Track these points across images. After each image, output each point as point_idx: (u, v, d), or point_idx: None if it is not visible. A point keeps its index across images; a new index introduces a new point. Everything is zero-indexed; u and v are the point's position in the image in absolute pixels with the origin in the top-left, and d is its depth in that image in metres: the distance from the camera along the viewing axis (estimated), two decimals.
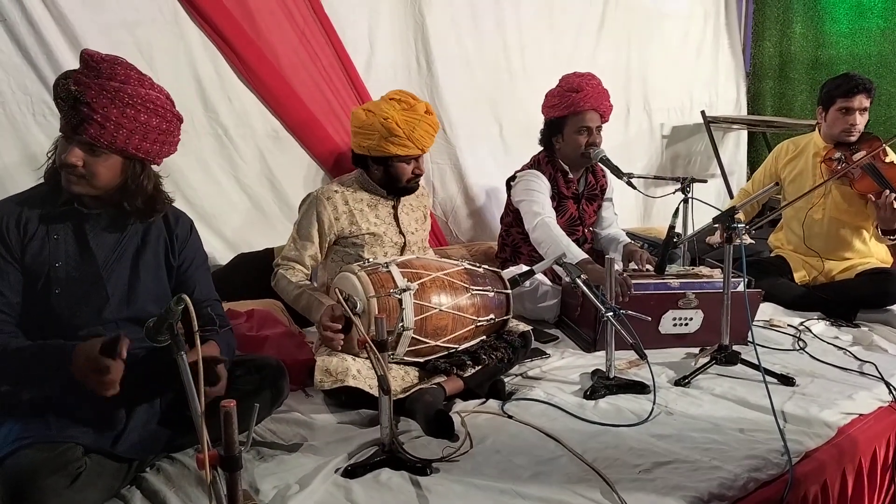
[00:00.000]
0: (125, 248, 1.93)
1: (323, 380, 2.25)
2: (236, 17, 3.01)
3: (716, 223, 2.58)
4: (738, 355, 2.59)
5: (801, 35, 5.09)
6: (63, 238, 1.85)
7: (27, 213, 1.83)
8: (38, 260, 1.82)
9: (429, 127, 2.69)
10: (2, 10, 2.53)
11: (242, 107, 3.12)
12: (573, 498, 1.78)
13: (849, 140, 3.29)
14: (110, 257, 1.90)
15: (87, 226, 1.88)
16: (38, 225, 1.83)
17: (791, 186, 3.50)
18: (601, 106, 3.20)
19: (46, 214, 1.85)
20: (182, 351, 1.49)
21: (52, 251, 1.83)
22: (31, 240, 1.82)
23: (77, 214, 1.87)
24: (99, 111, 1.75)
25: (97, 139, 1.77)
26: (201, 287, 2.06)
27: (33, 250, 1.81)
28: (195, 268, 2.07)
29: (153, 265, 1.97)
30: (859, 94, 3.24)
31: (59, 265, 1.83)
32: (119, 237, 1.92)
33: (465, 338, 2.44)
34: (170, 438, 1.90)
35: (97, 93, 1.76)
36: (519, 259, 3.30)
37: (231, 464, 1.32)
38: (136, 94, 1.80)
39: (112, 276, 1.89)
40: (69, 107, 1.76)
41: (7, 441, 1.66)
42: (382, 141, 2.61)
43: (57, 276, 1.82)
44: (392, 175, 2.70)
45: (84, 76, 1.78)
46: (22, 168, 2.65)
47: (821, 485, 2.01)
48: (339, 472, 1.89)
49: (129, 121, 1.79)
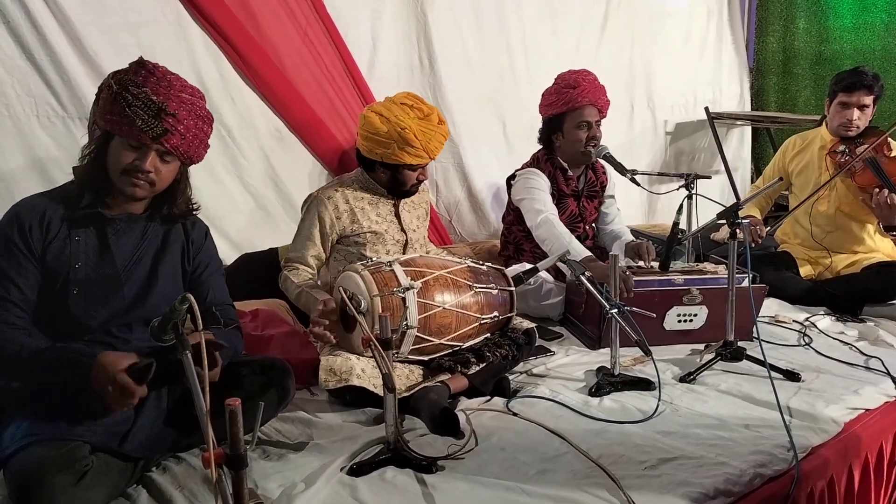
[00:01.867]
0: (145, 251, 1.96)
1: (328, 379, 2.25)
2: (239, 17, 3.01)
3: (720, 219, 2.58)
4: (744, 351, 2.58)
5: (805, 30, 5.08)
6: (84, 240, 1.87)
7: (50, 212, 1.85)
8: (59, 260, 1.83)
9: (442, 137, 2.71)
10: (5, 12, 2.54)
11: (245, 107, 3.12)
12: (579, 495, 1.77)
13: (846, 135, 3.31)
14: (129, 260, 1.92)
15: (109, 229, 1.91)
16: (60, 225, 1.85)
17: (798, 179, 3.52)
18: (599, 100, 3.21)
19: (69, 216, 1.87)
20: (187, 350, 1.49)
21: (73, 252, 1.85)
22: (54, 240, 1.84)
23: (99, 217, 1.89)
24: (182, 122, 1.85)
25: (177, 148, 1.86)
26: (215, 291, 2.09)
27: (55, 250, 1.83)
28: (209, 273, 2.09)
29: (170, 269, 2.00)
30: (859, 91, 3.25)
31: (79, 266, 1.85)
32: (139, 240, 1.95)
33: (469, 336, 2.44)
34: (176, 438, 1.91)
35: (178, 104, 1.84)
36: (522, 257, 3.30)
37: (237, 462, 1.32)
38: (201, 105, 1.93)
39: (130, 278, 1.92)
40: (151, 116, 1.81)
41: (15, 438, 1.68)
42: (398, 150, 2.61)
43: (76, 276, 1.84)
44: (398, 180, 2.71)
45: (158, 85, 1.83)
46: (27, 170, 2.66)
47: (827, 480, 2.01)
48: (345, 470, 1.89)
49: (200, 132, 1.92)
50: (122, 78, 1.83)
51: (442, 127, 2.71)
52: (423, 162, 2.69)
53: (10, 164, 2.63)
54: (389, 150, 2.62)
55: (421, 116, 2.67)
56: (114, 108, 1.81)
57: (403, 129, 2.59)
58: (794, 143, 3.58)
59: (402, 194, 2.77)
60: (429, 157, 2.69)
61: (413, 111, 2.67)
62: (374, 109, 2.69)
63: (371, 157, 2.69)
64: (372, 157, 2.69)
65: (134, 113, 1.80)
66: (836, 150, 3.30)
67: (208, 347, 1.74)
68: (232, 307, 2.14)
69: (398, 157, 2.63)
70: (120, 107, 1.80)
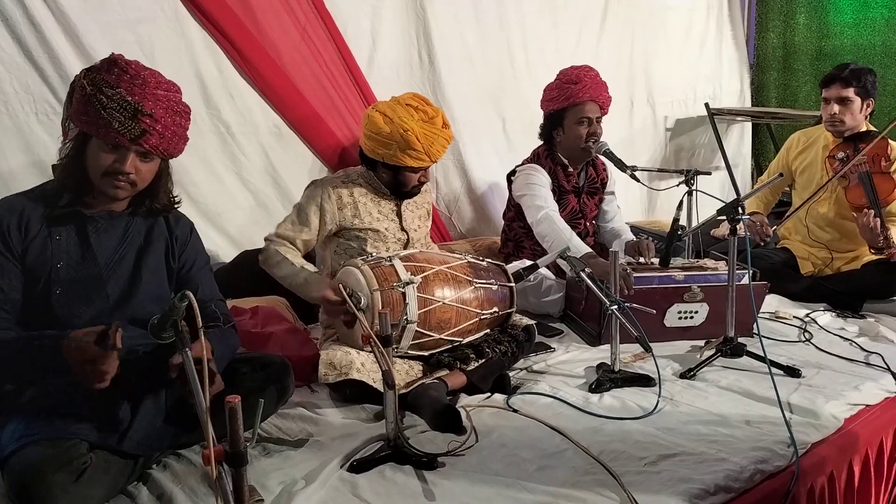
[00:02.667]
0: (127, 248, 1.93)
1: (327, 373, 2.25)
2: (237, 13, 3.00)
3: (720, 215, 2.57)
4: (744, 347, 2.58)
5: (805, 26, 5.07)
6: (65, 239, 1.85)
7: (29, 212, 1.83)
8: (40, 260, 1.81)
9: (445, 141, 2.68)
10: (3, 10, 2.53)
11: (245, 104, 3.12)
12: (579, 491, 1.77)
13: (836, 131, 3.30)
14: (112, 258, 1.90)
15: (90, 227, 1.88)
16: (40, 225, 1.83)
17: (801, 178, 3.52)
18: (600, 97, 3.20)
19: (49, 214, 1.84)
20: (186, 348, 1.49)
21: (54, 252, 1.83)
22: (34, 239, 1.81)
23: (80, 216, 1.87)
24: (160, 121, 1.80)
25: (156, 147, 1.83)
26: (204, 288, 2.06)
27: (35, 250, 1.81)
28: (197, 269, 2.07)
29: (154, 266, 1.97)
30: (835, 85, 3.25)
31: (61, 266, 1.83)
32: (121, 238, 1.93)
33: (469, 331, 2.44)
34: (175, 435, 1.90)
35: (154, 103, 1.80)
36: (522, 253, 3.30)
37: (237, 459, 1.32)
38: (178, 100, 1.87)
39: (113, 276, 1.89)
40: (127, 118, 1.76)
41: (13, 438, 1.67)
42: (399, 152, 2.60)
43: (58, 276, 1.82)
44: (399, 181, 2.70)
45: (132, 84, 1.78)
46: (25, 167, 2.65)
47: (827, 476, 2.01)
48: (345, 467, 1.89)
49: (179, 128, 1.87)
50: (95, 78, 1.79)
51: (446, 131, 2.68)
52: (425, 165, 2.67)
53: (10, 161, 2.63)
54: (391, 151, 2.61)
55: (425, 119, 2.64)
56: (88, 109, 1.77)
57: (406, 131, 2.57)
58: (799, 141, 3.57)
59: (404, 195, 2.76)
60: (430, 161, 2.66)
61: (418, 113, 2.64)
62: (379, 109, 2.66)
63: (373, 156, 2.68)
64: (374, 157, 2.68)
65: (110, 115, 1.76)
66: (836, 156, 3.28)
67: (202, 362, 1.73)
68: (223, 302, 2.12)
69: (399, 159, 2.61)
70: (95, 109, 1.76)
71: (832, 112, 3.27)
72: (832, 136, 3.37)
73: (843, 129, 3.30)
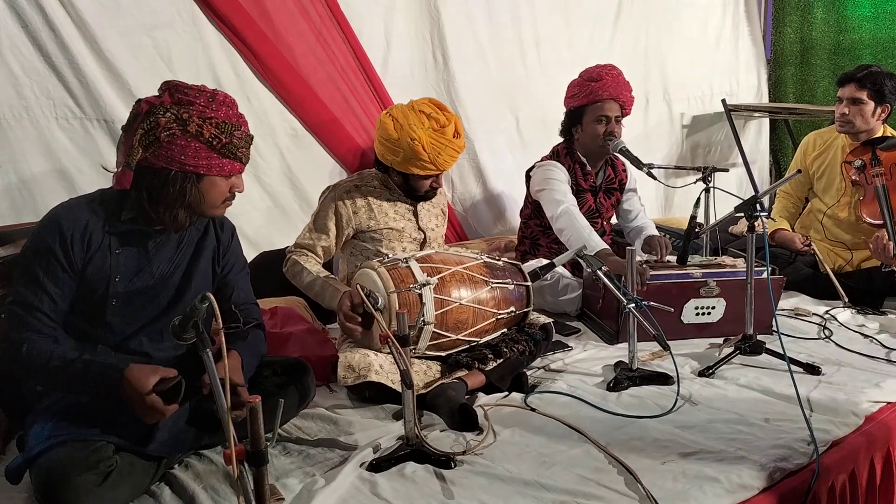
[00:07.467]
0: (181, 258, 1.97)
1: (346, 376, 2.27)
2: (253, 17, 3.02)
3: (738, 212, 2.56)
4: (763, 345, 2.56)
5: (823, 20, 5.01)
6: (125, 253, 1.87)
7: (92, 225, 1.83)
8: (100, 272, 1.83)
9: (454, 151, 2.67)
10: (23, 15, 2.56)
11: (261, 106, 3.14)
12: (597, 489, 1.78)
13: (846, 132, 3.25)
14: (167, 269, 1.94)
15: (151, 242, 1.91)
16: (101, 238, 1.84)
17: (819, 183, 3.48)
18: (621, 96, 3.18)
19: (111, 230, 1.85)
20: (208, 349, 1.51)
21: (113, 265, 1.85)
22: (95, 252, 1.83)
23: (143, 233, 1.90)
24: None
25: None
26: (240, 291, 2.10)
27: (96, 264, 1.83)
28: (235, 273, 2.11)
29: (203, 272, 2.01)
30: (848, 85, 3.21)
31: (119, 279, 1.85)
32: (176, 247, 1.97)
33: (487, 331, 2.44)
34: (198, 437, 1.93)
35: (238, 119, 1.90)
36: (538, 251, 3.29)
37: (258, 459, 1.34)
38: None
39: (166, 286, 1.94)
40: (247, 147, 1.92)
41: (40, 439, 1.69)
42: (406, 160, 2.60)
43: (116, 289, 1.85)
44: (411, 186, 2.71)
45: (239, 118, 1.89)
46: (46, 172, 2.68)
47: (849, 474, 1.99)
48: (365, 466, 1.91)
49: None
50: (211, 118, 1.81)
51: (456, 141, 2.66)
52: (432, 173, 2.67)
53: (32, 166, 2.66)
54: (398, 158, 2.61)
55: (436, 127, 2.63)
56: (210, 153, 1.82)
57: (413, 140, 2.56)
58: (815, 144, 3.51)
59: (418, 198, 2.77)
60: (438, 170, 2.66)
61: (430, 121, 2.64)
62: (392, 114, 2.67)
63: (384, 161, 2.69)
64: (385, 162, 2.70)
65: (240, 152, 1.88)
66: (853, 163, 3.23)
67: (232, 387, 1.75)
68: (256, 306, 2.16)
69: (406, 167, 2.63)
70: (220, 153, 1.83)
71: (842, 112, 3.23)
72: (847, 138, 3.33)
73: (853, 130, 3.25)
